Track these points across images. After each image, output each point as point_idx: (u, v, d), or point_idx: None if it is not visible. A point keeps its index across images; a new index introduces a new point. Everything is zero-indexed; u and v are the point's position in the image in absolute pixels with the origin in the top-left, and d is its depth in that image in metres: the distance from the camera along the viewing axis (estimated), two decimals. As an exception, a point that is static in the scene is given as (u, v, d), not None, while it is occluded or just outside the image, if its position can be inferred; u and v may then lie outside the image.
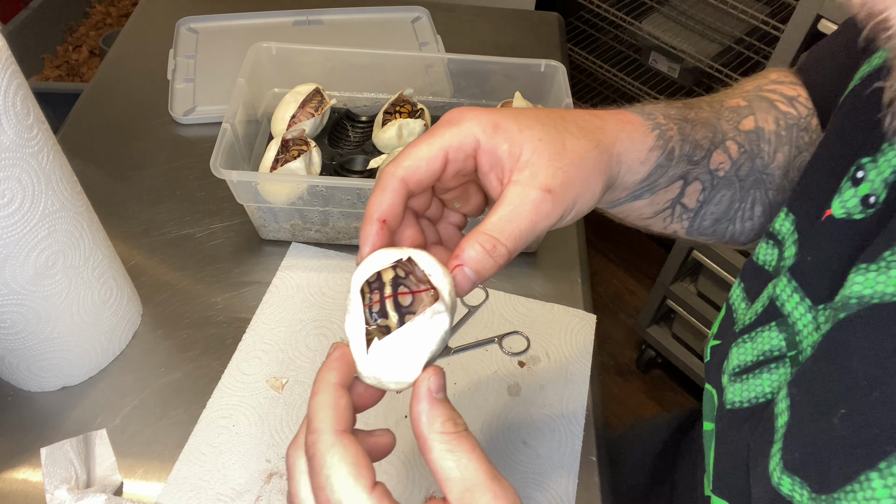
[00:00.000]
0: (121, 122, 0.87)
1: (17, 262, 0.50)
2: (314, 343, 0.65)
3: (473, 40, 1.02)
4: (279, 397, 0.61)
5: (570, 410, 0.61)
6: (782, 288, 0.39)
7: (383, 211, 0.36)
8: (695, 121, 0.46)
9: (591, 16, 1.85)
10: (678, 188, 0.46)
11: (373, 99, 0.84)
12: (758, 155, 0.48)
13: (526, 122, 0.37)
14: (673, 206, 0.47)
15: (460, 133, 0.36)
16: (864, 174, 0.35)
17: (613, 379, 1.73)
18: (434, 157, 0.36)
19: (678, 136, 0.44)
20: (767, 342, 0.40)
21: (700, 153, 0.45)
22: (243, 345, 0.64)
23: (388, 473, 0.56)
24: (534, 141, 0.37)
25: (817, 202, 0.39)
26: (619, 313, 1.85)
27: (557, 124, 0.38)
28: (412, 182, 0.36)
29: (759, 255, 0.44)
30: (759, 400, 0.39)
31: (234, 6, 1.02)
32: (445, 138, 0.36)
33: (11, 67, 0.45)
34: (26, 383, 0.60)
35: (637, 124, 0.42)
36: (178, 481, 0.55)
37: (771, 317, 0.40)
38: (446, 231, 0.42)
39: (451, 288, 0.34)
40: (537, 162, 0.36)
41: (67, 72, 1.69)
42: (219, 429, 0.58)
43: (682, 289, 1.52)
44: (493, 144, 0.36)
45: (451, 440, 0.30)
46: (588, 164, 0.38)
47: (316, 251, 0.73)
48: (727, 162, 0.47)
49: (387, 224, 0.36)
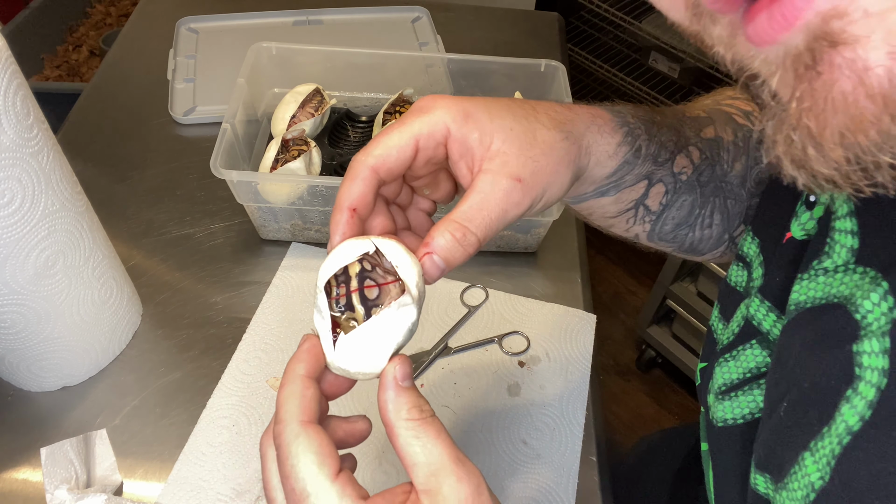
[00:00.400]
0: (121, 122, 0.87)
1: (17, 262, 0.50)
2: None
3: (473, 40, 1.02)
4: None
5: (570, 410, 0.61)
6: (756, 308, 0.41)
7: (353, 200, 0.36)
8: (661, 123, 0.46)
9: (591, 16, 1.85)
10: (643, 188, 0.46)
11: (373, 99, 0.84)
12: (717, 163, 0.49)
13: (497, 111, 0.38)
14: (636, 207, 0.47)
15: (431, 121, 0.36)
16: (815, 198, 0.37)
17: (613, 379, 1.73)
18: (405, 145, 0.36)
19: (645, 136, 0.44)
20: (752, 359, 0.41)
21: (665, 154, 0.46)
22: (243, 345, 0.64)
23: (392, 473, 0.56)
24: (504, 130, 0.37)
25: (778, 226, 0.41)
26: (619, 313, 1.85)
27: (528, 115, 0.39)
28: (383, 171, 0.36)
29: (731, 276, 0.45)
30: (756, 415, 0.40)
31: (234, 6, 1.02)
32: (416, 126, 0.36)
33: (11, 67, 0.45)
34: (26, 383, 0.60)
35: (606, 119, 0.43)
36: (178, 481, 0.55)
37: (750, 335, 0.41)
38: (416, 217, 0.42)
39: (420, 279, 0.34)
40: (508, 151, 0.37)
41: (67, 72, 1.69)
42: (219, 429, 0.58)
43: (682, 289, 1.52)
44: (463, 133, 0.37)
45: (416, 426, 0.31)
46: (558, 154, 0.38)
47: (316, 251, 0.73)
48: (689, 166, 0.47)
49: (357, 213, 0.36)
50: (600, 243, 1.98)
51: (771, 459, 0.35)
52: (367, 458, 0.57)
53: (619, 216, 0.48)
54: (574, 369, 0.64)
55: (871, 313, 0.30)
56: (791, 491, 0.32)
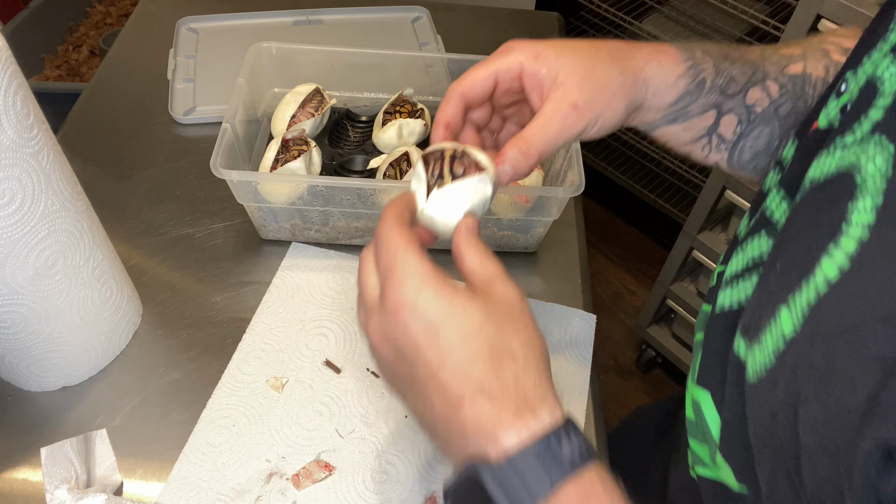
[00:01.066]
0: (121, 122, 0.87)
1: (17, 261, 0.50)
2: (314, 343, 0.65)
3: (473, 40, 1.02)
4: (279, 397, 0.61)
5: (570, 411, 0.61)
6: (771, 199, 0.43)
7: (447, 118, 0.46)
8: (735, 58, 0.50)
9: (591, 16, 1.85)
10: (712, 117, 0.50)
11: (373, 99, 0.84)
12: (801, 97, 0.50)
13: (563, 51, 0.45)
14: (710, 135, 0.51)
15: (508, 60, 0.45)
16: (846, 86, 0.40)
17: (613, 379, 1.73)
18: (486, 77, 0.46)
19: (712, 69, 0.49)
20: (757, 248, 0.43)
21: (734, 87, 0.49)
22: (243, 345, 0.64)
23: (393, 473, 0.56)
24: (567, 67, 0.44)
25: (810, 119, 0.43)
26: (619, 313, 1.85)
27: (591, 52, 0.46)
28: (469, 96, 0.46)
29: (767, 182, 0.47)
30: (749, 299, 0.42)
31: (234, 6, 1.02)
32: (496, 64, 0.46)
33: (11, 67, 0.45)
34: (26, 383, 0.60)
35: (670, 54, 0.48)
36: (178, 481, 0.55)
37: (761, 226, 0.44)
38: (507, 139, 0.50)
39: (494, 174, 0.43)
40: (568, 83, 0.44)
41: (67, 72, 1.69)
42: (219, 429, 0.58)
43: (682, 289, 1.52)
44: (534, 69, 0.45)
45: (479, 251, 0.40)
46: (612, 86, 0.45)
47: (316, 251, 0.73)
48: (765, 99, 0.50)
49: (449, 127, 0.46)
50: (600, 243, 1.98)
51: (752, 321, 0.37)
52: (366, 458, 0.57)
53: (694, 143, 0.52)
54: (574, 369, 0.64)
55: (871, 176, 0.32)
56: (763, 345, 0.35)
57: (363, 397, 0.61)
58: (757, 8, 1.48)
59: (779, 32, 1.36)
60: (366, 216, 0.70)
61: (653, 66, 0.47)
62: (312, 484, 0.55)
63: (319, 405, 0.60)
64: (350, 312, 0.67)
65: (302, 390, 0.61)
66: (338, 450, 0.57)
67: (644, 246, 1.98)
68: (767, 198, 0.44)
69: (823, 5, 1.01)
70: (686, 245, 1.44)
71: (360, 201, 0.67)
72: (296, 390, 0.61)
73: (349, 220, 0.71)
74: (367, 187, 0.66)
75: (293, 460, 0.57)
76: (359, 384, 0.62)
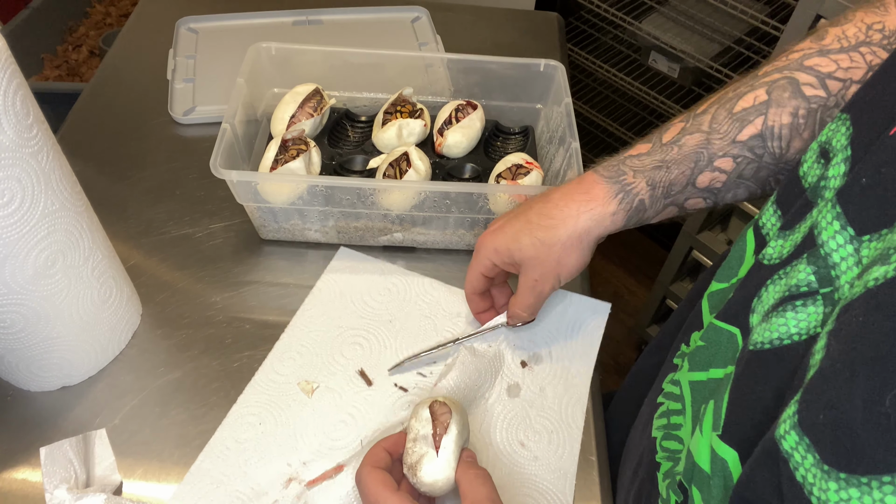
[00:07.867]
0: (121, 122, 0.87)
1: (16, 261, 0.50)
2: (349, 351, 0.64)
3: (473, 40, 1.02)
4: (308, 401, 0.60)
5: (570, 413, 0.61)
6: (823, 214, 0.35)
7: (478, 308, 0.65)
8: (672, 161, 0.53)
9: (591, 16, 1.85)
10: (674, 211, 0.55)
11: (372, 99, 0.84)
12: (764, 155, 0.50)
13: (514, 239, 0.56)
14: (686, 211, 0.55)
15: (482, 261, 0.59)
16: None
17: (613, 379, 1.73)
18: (477, 276, 0.61)
19: (646, 189, 0.53)
20: (794, 276, 0.36)
21: (678, 187, 0.53)
22: (280, 343, 0.64)
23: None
24: (522, 250, 0.56)
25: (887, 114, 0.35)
26: (619, 313, 1.84)
27: (534, 232, 0.55)
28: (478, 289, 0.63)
29: (803, 167, 0.41)
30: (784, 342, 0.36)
31: (234, 6, 1.02)
32: (478, 267, 0.60)
33: (11, 67, 0.45)
34: (26, 383, 0.60)
35: (597, 195, 0.54)
36: (200, 472, 0.55)
37: (805, 248, 0.36)
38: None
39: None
40: (526, 263, 0.57)
41: (67, 72, 1.69)
42: (246, 425, 0.58)
43: (682, 289, 1.52)
44: (500, 261, 0.58)
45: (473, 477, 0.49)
46: (556, 252, 0.55)
47: (363, 257, 0.72)
48: (720, 175, 0.52)
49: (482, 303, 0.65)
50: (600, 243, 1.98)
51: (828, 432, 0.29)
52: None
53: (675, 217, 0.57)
54: (576, 370, 0.64)
55: None
56: None
57: (390, 413, 0.60)
58: (757, 8, 1.48)
59: (778, 32, 1.36)
60: (365, 216, 0.70)
61: (585, 218, 0.54)
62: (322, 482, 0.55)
63: (346, 415, 0.60)
64: (388, 325, 0.66)
65: (331, 398, 0.61)
66: (357, 458, 0.56)
67: (644, 246, 1.98)
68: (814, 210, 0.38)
69: (823, 5, 1.01)
70: (686, 245, 1.44)
71: (360, 201, 0.67)
72: (325, 397, 0.61)
73: (349, 220, 0.71)
74: (366, 187, 0.66)
75: (314, 468, 0.56)
76: (386, 399, 0.61)
